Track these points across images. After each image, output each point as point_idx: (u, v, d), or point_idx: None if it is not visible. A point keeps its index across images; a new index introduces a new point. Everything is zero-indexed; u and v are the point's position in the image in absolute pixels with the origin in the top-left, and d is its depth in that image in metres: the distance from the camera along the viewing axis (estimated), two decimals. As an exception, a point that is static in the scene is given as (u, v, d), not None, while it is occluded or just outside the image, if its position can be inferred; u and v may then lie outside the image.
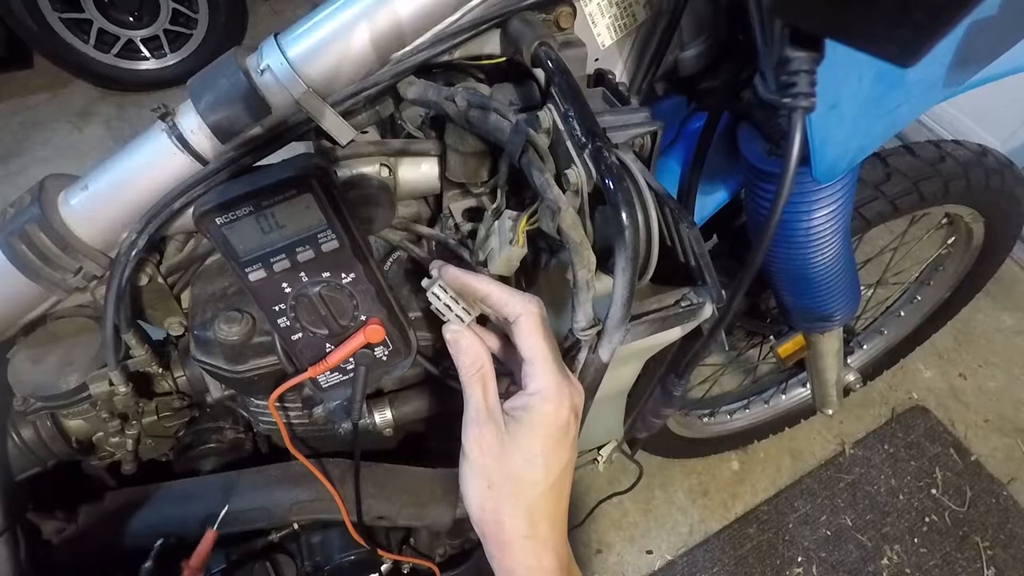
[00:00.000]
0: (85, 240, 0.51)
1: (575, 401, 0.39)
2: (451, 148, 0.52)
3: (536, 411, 0.38)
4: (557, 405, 0.38)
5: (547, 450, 0.38)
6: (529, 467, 0.38)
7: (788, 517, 1.35)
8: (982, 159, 0.90)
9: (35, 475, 0.62)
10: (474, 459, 0.38)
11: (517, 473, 0.38)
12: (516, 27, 0.47)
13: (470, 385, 0.40)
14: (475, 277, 0.42)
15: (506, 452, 0.38)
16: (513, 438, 0.38)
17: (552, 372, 0.38)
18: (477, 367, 0.40)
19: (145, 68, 2.18)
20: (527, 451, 0.38)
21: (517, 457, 0.38)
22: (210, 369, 0.55)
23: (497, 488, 0.38)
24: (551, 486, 0.39)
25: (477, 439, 0.38)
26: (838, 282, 0.71)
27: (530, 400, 0.38)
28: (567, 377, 0.39)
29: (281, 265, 0.44)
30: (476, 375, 0.40)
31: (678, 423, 1.25)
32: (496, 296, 0.40)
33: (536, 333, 0.39)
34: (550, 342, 0.39)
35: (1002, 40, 0.52)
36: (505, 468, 0.38)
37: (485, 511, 0.38)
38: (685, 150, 0.66)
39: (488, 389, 0.40)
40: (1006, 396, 1.54)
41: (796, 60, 0.33)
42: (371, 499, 0.64)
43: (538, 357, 0.38)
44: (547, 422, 0.38)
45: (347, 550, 0.70)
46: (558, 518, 0.40)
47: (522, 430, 0.38)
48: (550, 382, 0.38)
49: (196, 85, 0.46)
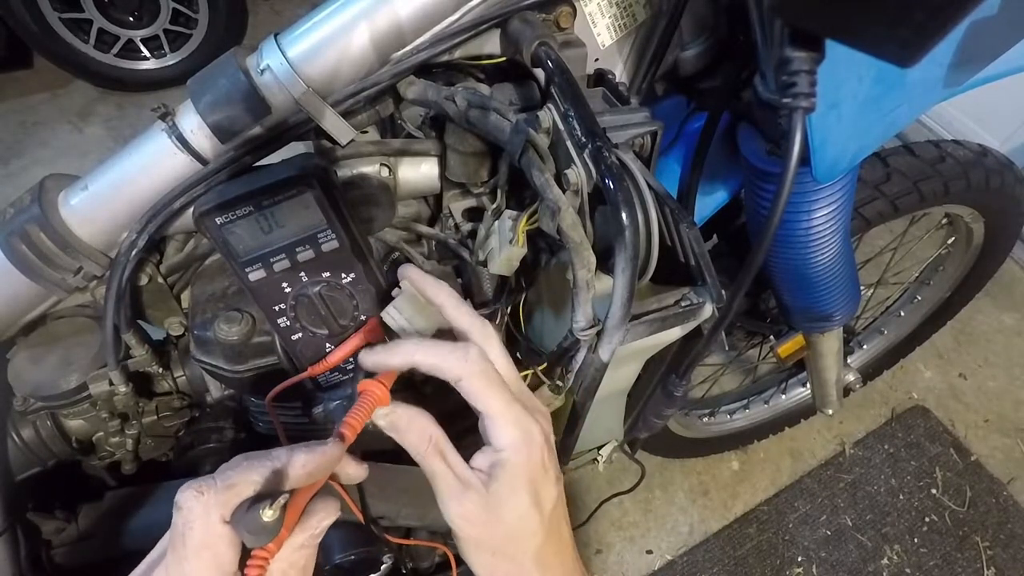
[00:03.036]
0: (85, 240, 0.51)
1: (544, 430, 0.38)
2: (451, 148, 0.52)
3: (511, 464, 0.36)
4: (529, 450, 0.36)
5: (536, 496, 0.36)
6: (525, 521, 0.36)
7: (788, 517, 1.35)
8: (982, 159, 0.90)
9: (35, 475, 0.62)
10: (467, 534, 0.36)
11: (514, 532, 0.36)
12: (516, 27, 0.47)
13: (428, 461, 0.37)
14: (433, 285, 0.41)
15: (496, 516, 0.36)
16: (498, 499, 0.36)
17: (513, 421, 0.36)
18: (426, 441, 0.37)
19: (145, 68, 2.17)
20: (517, 507, 0.36)
21: (509, 516, 0.36)
22: (210, 369, 0.55)
23: (501, 552, 0.36)
24: (549, 526, 0.37)
25: (461, 514, 0.36)
26: (838, 282, 0.71)
27: (501, 456, 0.36)
28: (527, 411, 0.37)
29: (281, 265, 0.44)
30: (429, 449, 0.37)
31: (678, 423, 1.25)
32: (448, 312, 0.40)
33: (484, 389, 0.36)
34: (499, 388, 0.36)
35: (1002, 40, 0.52)
36: (501, 531, 0.36)
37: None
38: (685, 150, 0.66)
39: (448, 457, 0.37)
40: (1006, 396, 1.54)
41: (796, 60, 0.33)
42: (371, 499, 0.64)
43: (495, 412, 0.36)
44: (525, 469, 0.36)
45: (347, 550, 0.70)
46: (564, 546, 0.39)
47: (504, 488, 0.36)
48: (515, 432, 0.36)
49: (196, 85, 0.46)
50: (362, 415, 0.37)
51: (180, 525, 0.30)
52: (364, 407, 0.37)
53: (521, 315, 0.58)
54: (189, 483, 0.30)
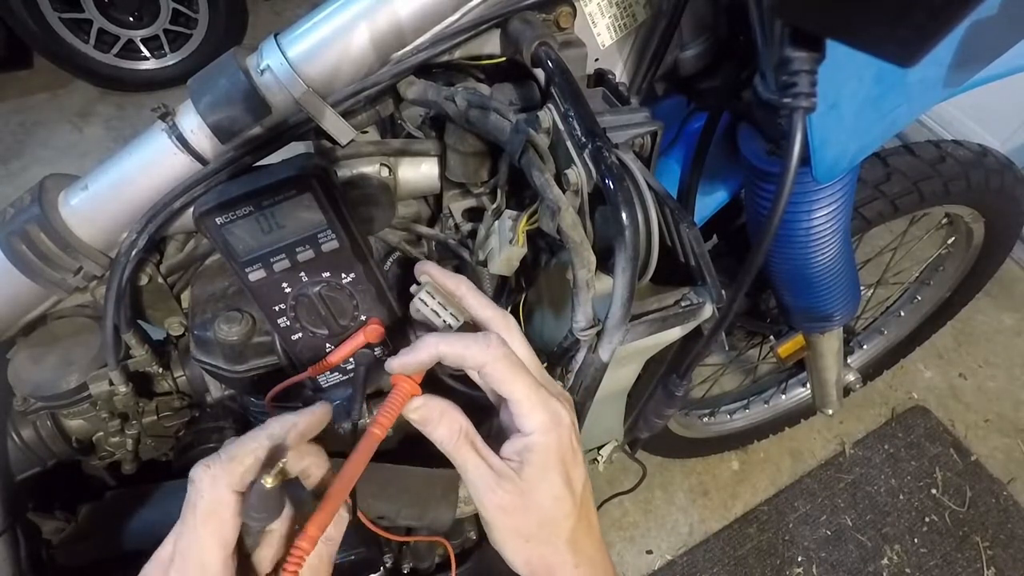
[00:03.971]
0: (85, 240, 0.51)
1: (570, 412, 0.38)
2: (451, 148, 0.52)
3: (542, 447, 0.36)
4: (558, 431, 0.36)
5: (567, 477, 0.37)
6: (559, 502, 0.36)
7: (788, 517, 1.35)
8: (982, 159, 0.90)
9: (35, 475, 0.62)
10: (502, 524, 0.36)
11: (550, 515, 0.36)
12: (516, 27, 0.47)
13: (460, 453, 0.37)
14: (453, 278, 0.42)
15: (531, 501, 0.36)
16: (531, 484, 0.36)
17: (540, 404, 0.36)
18: (456, 432, 0.37)
19: (145, 68, 2.18)
20: (551, 489, 0.36)
21: (544, 500, 0.36)
22: (210, 369, 0.55)
23: (536, 537, 0.37)
24: (581, 507, 0.38)
25: (497, 505, 0.36)
26: (838, 282, 0.71)
27: (530, 440, 0.36)
28: (552, 395, 0.37)
29: (281, 265, 0.44)
30: (460, 440, 0.37)
31: (678, 423, 1.25)
32: (468, 302, 0.41)
33: (508, 374, 0.36)
34: (524, 373, 0.37)
35: (1002, 40, 0.52)
36: (537, 516, 0.36)
37: (532, 564, 0.37)
38: (685, 150, 0.66)
39: (479, 448, 0.37)
40: (1006, 396, 1.54)
41: (797, 60, 0.33)
42: (371, 499, 0.64)
43: (521, 396, 0.36)
44: (556, 451, 0.36)
45: (347, 550, 0.70)
46: (593, 529, 0.39)
47: (536, 472, 0.36)
48: (543, 415, 0.36)
49: (196, 85, 0.46)
50: (393, 409, 0.37)
51: (192, 496, 0.32)
52: (395, 401, 0.37)
53: (521, 315, 0.58)
54: (200, 460, 0.33)
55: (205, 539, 0.31)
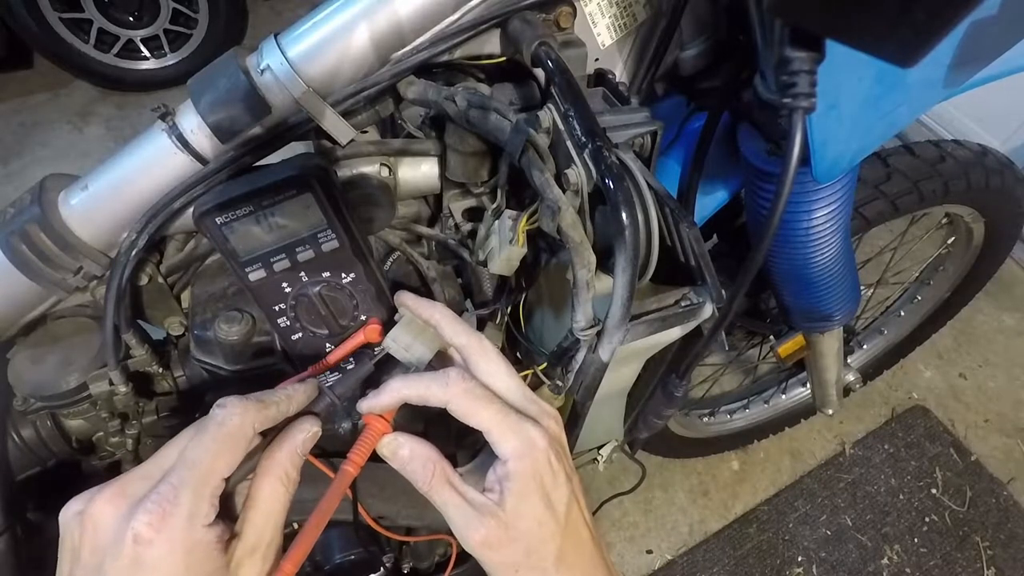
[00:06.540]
0: (85, 240, 0.51)
1: (550, 431, 0.37)
2: (451, 148, 0.52)
3: (518, 474, 0.36)
4: (532, 455, 0.36)
5: (547, 500, 0.36)
6: (542, 527, 0.36)
7: (788, 517, 1.35)
8: (982, 159, 0.90)
9: (35, 475, 0.62)
10: (489, 560, 0.36)
11: (535, 542, 0.36)
12: (516, 27, 0.47)
13: (437, 492, 0.37)
14: (428, 307, 0.42)
15: (516, 531, 0.35)
16: (513, 514, 0.35)
17: (510, 430, 0.36)
18: (431, 469, 0.37)
19: (145, 68, 2.18)
20: (533, 514, 0.36)
21: (528, 527, 0.36)
22: (210, 369, 0.55)
23: (525, 565, 0.36)
24: (566, 527, 0.37)
25: (482, 541, 0.35)
26: (838, 282, 0.71)
27: (506, 468, 0.36)
28: (527, 418, 0.37)
29: (281, 265, 0.44)
30: (435, 479, 0.37)
31: (678, 423, 1.25)
32: (444, 331, 0.41)
33: (472, 407, 0.36)
34: (488, 403, 0.36)
35: (1002, 40, 0.52)
36: (523, 545, 0.36)
37: None
38: (685, 150, 0.66)
39: (456, 485, 0.37)
40: (1006, 396, 1.54)
41: (796, 60, 0.33)
42: (371, 499, 0.64)
43: (489, 426, 0.36)
44: (532, 475, 0.36)
45: (347, 550, 0.70)
46: (584, 544, 0.38)
47: (515, 500, 0.35)
48: (514, 441, 0.36)
49: (196, 85, 0.46)
50: (366, 448, 0.38)
51: (218, 415, 0.33)
52: (368, 440, 0.38)
53: (521, 315, 0.58)
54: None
55: (219, 456, 0.32)
